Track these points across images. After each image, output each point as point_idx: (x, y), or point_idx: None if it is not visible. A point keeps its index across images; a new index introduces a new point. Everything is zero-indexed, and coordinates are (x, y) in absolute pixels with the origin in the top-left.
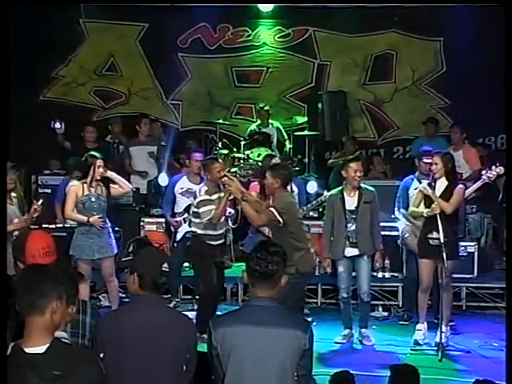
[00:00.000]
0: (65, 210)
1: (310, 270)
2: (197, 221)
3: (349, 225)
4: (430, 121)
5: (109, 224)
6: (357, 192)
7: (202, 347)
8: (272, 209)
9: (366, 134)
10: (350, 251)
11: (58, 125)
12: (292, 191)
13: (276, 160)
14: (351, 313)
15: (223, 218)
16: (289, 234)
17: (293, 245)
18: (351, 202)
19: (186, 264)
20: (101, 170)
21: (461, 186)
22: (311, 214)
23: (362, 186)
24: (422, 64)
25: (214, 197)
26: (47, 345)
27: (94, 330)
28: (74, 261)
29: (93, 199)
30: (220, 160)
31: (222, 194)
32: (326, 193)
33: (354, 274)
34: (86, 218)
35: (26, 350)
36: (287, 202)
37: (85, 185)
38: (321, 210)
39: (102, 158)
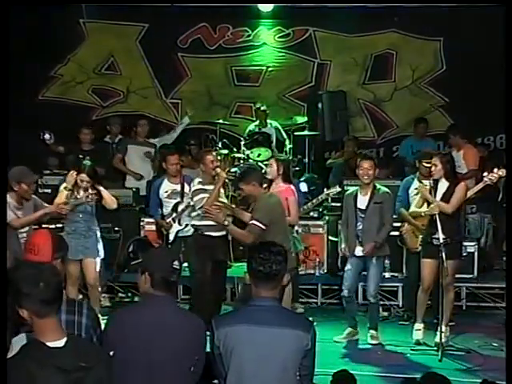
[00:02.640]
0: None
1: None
2: (194, 214)
3: (358, 223)
4: (421, 121)
5: (97, 227)
6: (369, 192)
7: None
8: (253, 221)
9: (366, 134)
10: (360, 250)
11: (47, 136)
12: None
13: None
14: (355, 312)
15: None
16: (269, 235)
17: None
18: (363, 201)
19: (185, 264)
20: (84, 183)
21: (462, 184)
22: (311, 214)
23: (377, 186)
24: (422, 63)
25: (208, 187)
26: (65, 338)
27: (96, 332)
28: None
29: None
30: (213, 152)
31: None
32: (325, 190)
33: (364, 273)
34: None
35: (49, 344)
36: (266, 208)
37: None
38: (321, 209)
39: (92, 168)
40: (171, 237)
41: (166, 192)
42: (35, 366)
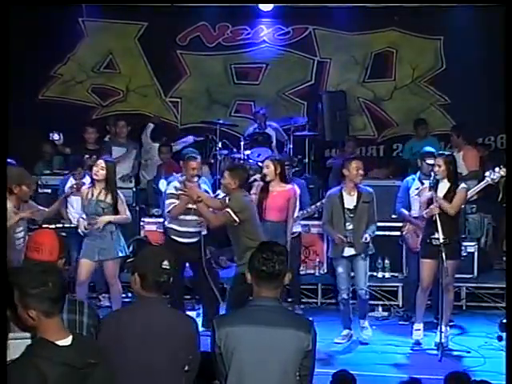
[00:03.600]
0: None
1: None
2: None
3: (347, 224)
4: (420, 123)
5: (113, 227)
6: (356, 192)
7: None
8: (228, 209)
9: (366, 132)
10: (348, 251)
11: (56, 136)
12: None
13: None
14: (351, 313)
15: (192, 217)
16: (243, 233)
17: (247, 243)
18: (350, 200)
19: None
20: (99, 170)
21: (463, 186)
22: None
23: (361, 186)
24: (422, 62)
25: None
26: (71, 337)
27: (96, 331)
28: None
29: (92, 204)
30: (198, 159)
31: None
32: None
33: (352, 274)
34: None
35: (57, 342)
36: (242, 202)
37: (89, 190)
38: (321, 209)
39: (107, 160)
40: None
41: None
42: (46, 365)
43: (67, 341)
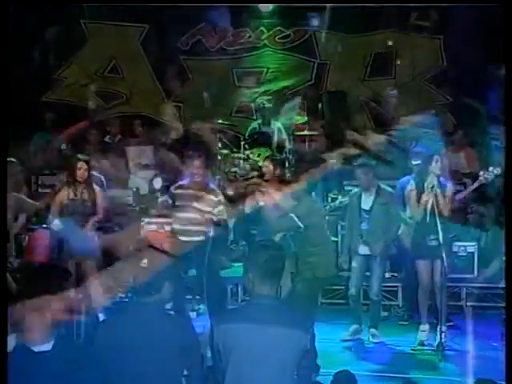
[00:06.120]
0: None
1: (327, 275)
2: None
3: (362, 224)
4: None
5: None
6: (373, 192)
7: None
8: (292, 215)
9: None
10: (364, 249)
11: (64, 146)
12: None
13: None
14: (361, 311)
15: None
16: (307, 239)
17: (308, 250)
18: (367, 201)
19: None
20: (84, 172)
21: (450, 186)
22: None
23: (381, 186)
24: (423, 60)
25: None
26: (52, 342)
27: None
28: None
29: (78, 203)
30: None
31: None
32: (340, 198)
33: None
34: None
35: (35, 349)
36: (309, 207)
37: (70, 189)
38: None
39: (86, 160)
40: None
41: None
42: (24, 372)
43: (47, 346)
